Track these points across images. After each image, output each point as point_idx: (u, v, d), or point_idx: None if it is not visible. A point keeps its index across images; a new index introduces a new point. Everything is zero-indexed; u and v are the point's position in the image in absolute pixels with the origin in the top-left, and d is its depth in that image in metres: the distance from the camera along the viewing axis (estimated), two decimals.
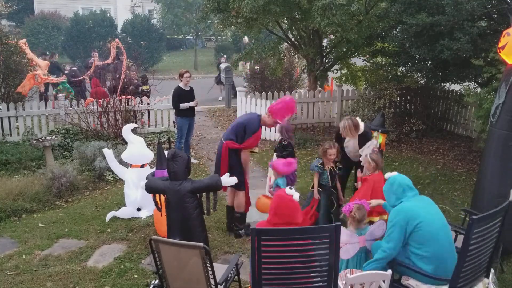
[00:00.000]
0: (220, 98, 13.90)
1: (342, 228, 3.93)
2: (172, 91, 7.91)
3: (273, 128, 9.49)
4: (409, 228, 3.61)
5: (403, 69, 9.67)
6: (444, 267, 3.54)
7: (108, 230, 5.59)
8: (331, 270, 3.21)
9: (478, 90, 8.12)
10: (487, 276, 3.72)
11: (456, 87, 9.58)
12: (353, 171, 6.15)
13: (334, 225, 3.19)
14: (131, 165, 6.12)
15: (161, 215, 4.61)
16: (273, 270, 3.25)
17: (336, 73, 11.90)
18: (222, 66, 13.47)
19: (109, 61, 9.62)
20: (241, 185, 5.24)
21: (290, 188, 3.78)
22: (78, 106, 8.97)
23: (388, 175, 4.06)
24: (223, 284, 3.57)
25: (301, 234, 3.34)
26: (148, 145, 7.67)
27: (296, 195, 3.72)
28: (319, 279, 3.27)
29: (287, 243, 3.26)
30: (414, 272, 3.66)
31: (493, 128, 4.88)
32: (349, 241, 4.02)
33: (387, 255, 3.71)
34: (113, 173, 6.67)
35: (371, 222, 4.62)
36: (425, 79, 9.43)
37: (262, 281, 3.23)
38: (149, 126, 9.83)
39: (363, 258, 4.12)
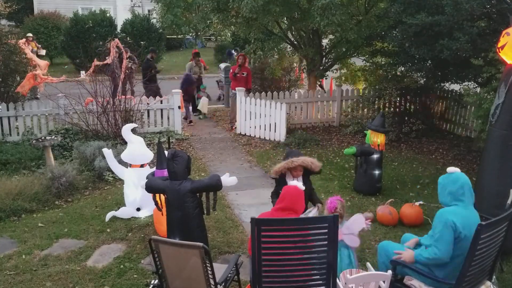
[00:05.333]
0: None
1: None
2: None
3: (272, 127, 9.51)
4: (456, 233, 3.44)
5: (402, 69, 9.68)
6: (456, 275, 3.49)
7: (108, 230, 5.59)
8: (329, 260, 3.23)
9: (478, 90, 8.13)
10: (490, 279, 3.72)
11: (455, 87, 9.59)
12: None
13: (332, 216, 3.22)
14: (130, 165, 6.12)
15: (162, 214, 4.61)
16: (273, 262, 3.27)
17: (336, 73, 11.92)
18: (222, 66, 13.46)
19: (108, 61, 9.60)
20: None
21: (292, 180, 4.05)
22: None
23: (452, 169, 3.72)
24: (223, 284, 3.57)
25: (300, 224, 3.38)
26: (148, 145, 7.67)
27: (299, 184, 3.95)
28: (317, 271, 3.29)
29: (286, 234, 3.29)
30: (418, 274, 3.65)
31: (493, 128, 4.88)
32: None
33: (438, 258, 3.52)
34: (112, 173, 6.66)
35: None
36: (424, 79, 9.44)
37: (262, 272, 3.25)
38: (148, 126, 9.83)
39: (344, 256, 4.13)
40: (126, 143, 6.28)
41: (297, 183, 3.98)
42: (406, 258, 3.71)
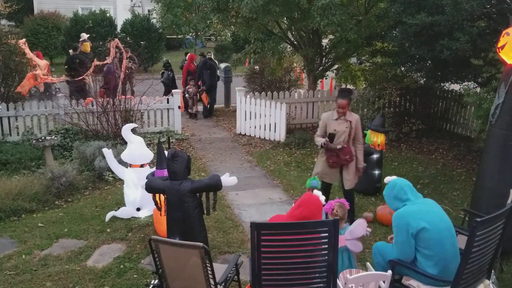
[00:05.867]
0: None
1: None
2: None
3: (272, 127, 9.51)
4: (412, 231, 3.56)
5: (402, 69, 9.68)
6: (448, 269, 3.53)
7: (108, 230, 5.59)
8: (329, 264, 3.22)
9: (478, 90, 8.13)
10: (488, 278, 3.72)
11: (455, 86, 9.59)
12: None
13: (332, 220, 3.21)
14: (130, 165, 6.12)
15: (161, 214, 4.61)
16: (272, 265, 3.26)
17: (335, 73, 11.92)
18: (222, 65, 13.47)
19: (108, 61, 9.61)
20: None
21: (318, 190, 4.01)
22: (78, 106, 8.96)
23: (387, 179, 3.97)
24: (223, 284, 3.57)
25: (300, 229, 3.36)
26: (148, 145, 7.67)
27: (322, 198, 3.90)
28: (317, 274, 3.29)
29: (286, 238, 3.28)
30: (416, 273, 3.66)
31: (493, 128, 4.88)
32: None
33: (397, 258, 3.71)
34: (112, 173, 6.66)
35: None
36: (424, 79, 9.43)
37: (261, 276, 3.24)
38: (148, 126, 9.84)
39: (345, 258, 4.14)
40: (126, 143, 6.28)
41: (319, 194, 3.90)
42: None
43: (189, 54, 13.24)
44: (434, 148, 9.02)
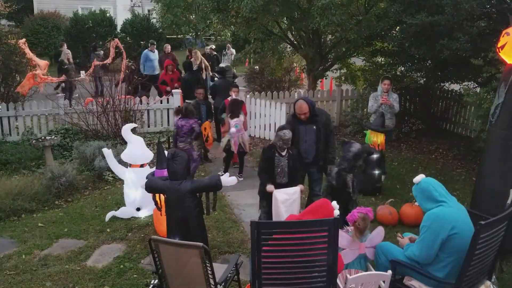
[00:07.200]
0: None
1: (343, 233, 3.98)
2: None
3: (272, 127, 9.50)
4: (444, 235, 3.47)
5: (402, 69, 9.68)
6: (456, 273, 3.50)
7: (108, 230, 5.59)
8: (329, 263, 3.22)
9: (478, 89, 8.13)
10: (490, 279, 3.72)
11: (455, 86, 9.59)
12: None
13: (332, 219, 3.21)
14: (130, 165, 6.12)
15: (161, 214, 4.61)
16: (272, 264, 3.27)
17: (335, 73, 11.91)
18: (222, 65, 13.45)
19: (108, 61, 9.61)
20: None
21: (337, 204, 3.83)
22: (78, 106, 8.96)
23: (417, 179, 3.79)
24: (223, 284, 3.57)
25: (300, 227, 3.36)
26: (148, 145, 7.67)
27: (337, 212, 3.73)
28: (317, 274, 3.29)
29: (286, 236, 3.28)
30: (419, 274, 3.66)
31: (493, 128, 4.88)
32: (349, 247, 4.01)
33: (415, 259, 3.65)
34: (112, 172, 6.66)
35: None
36: (424, 79, 9.43)
37: (262, 274, 3.24)
38: (148, 126, 9.83)
39: (362, 264, 4.12)
40: (126, 143, 6.28)
41: (336, 207, 3.75)
42: (401, 244, 3.97)
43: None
44: (434, 148, 9.02)
